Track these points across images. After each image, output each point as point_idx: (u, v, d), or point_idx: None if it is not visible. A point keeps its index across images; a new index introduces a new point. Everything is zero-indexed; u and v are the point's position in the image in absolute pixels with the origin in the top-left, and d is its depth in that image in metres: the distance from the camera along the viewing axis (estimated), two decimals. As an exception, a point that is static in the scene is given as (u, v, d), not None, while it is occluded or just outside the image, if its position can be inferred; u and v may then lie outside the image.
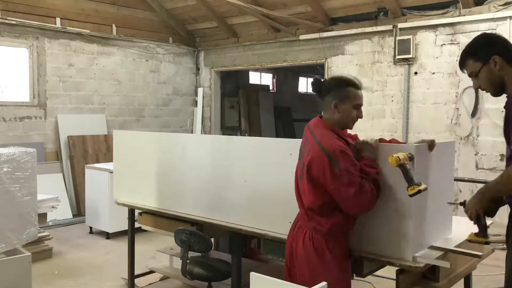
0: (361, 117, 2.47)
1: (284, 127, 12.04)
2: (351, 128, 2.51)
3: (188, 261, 3.39)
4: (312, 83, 2.53)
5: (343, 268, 2.43)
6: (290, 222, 2.77)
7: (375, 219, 2.44)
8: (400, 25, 6.51)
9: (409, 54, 6.37)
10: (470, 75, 2.40)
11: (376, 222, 2.44)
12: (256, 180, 3.01)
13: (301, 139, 2.55)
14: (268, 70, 11.98)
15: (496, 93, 2.44)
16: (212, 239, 4.37)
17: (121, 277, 4.55)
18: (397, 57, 6.52)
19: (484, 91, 2.43)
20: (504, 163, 6.04)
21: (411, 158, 2.26)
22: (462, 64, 2.41)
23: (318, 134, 2.37)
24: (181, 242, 3.34)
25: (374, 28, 6.78)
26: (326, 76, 7.40)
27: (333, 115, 2.42)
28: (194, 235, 3.26)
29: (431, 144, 2.48)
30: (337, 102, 2.40)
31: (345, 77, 2.51)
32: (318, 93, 2.50)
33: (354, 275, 2.58)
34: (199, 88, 9.32)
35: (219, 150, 3.27)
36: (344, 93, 2.41)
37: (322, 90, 2.48)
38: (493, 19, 5.77)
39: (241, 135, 10.09)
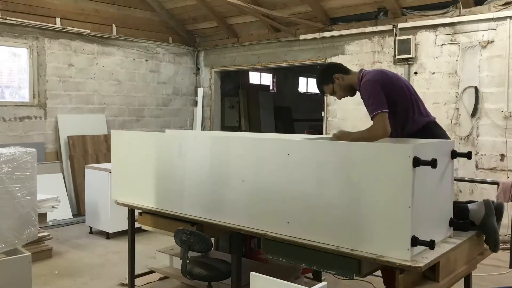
0: None
1: (284, 127, 12.05)
2: None
3: (188, 261, 3.39)
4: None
5: None
6: (288, 222, 2.78)
7: (375, 219, 2.44)
8: (400, 25, 6.51)
9: (409, 54, 6.37)
10: (331, 95, 3.45)
11: (376, 222, 2.44)
12: (256, 180, 3.00)
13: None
14: (268, 70, 11.98)
15: (352, 95, 3.42)
16: (212, 239, 4.38)
17: (118, 282, 4.53)
18: (397, 57, 6.52)
19: (348, 97, 3.46)
20: (504, 163, 6.07)
21: None
22: (322, 92, 3.47)
23: None
24: (181, 242, 3.33)
25: (374, 28, 6.78)
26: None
27: None
28: (194, 235, 3.26)
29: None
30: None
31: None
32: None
33: (354, 275, 2.58)
34: (199, 88, 9.33)
35: (218, 149, 3.26)
36: None
37: None
38: (493, 19, 5.77)
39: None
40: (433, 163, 2.32)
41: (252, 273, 2.06)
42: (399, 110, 3.13)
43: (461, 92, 6.07)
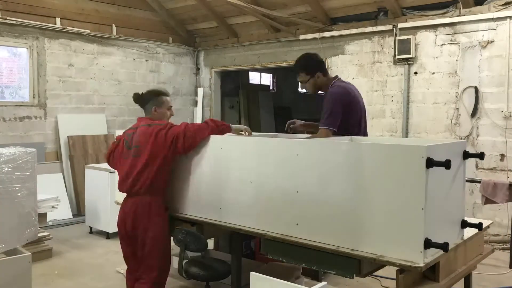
0: (173, 115, 3.54)
1: (284, 127, 12.03)
2: None
3: (186, 260, 3.39)
4: (134, 97, 3.54)
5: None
6: (298, 224, 2.76)
7: (386, 221, 2.40)
8: (400, 25, 6.51)
9: (409, 54, 6.37)
10: (300, 82, 3.69)
11: (386, 224, 2.41)
12: (264, 181, 2.99)
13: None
14: (268, 70, 11.98)
15: (315, 93, 3.77)
16: (212, 239, 4.38)
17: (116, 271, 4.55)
18: (397, 57, 6.52)
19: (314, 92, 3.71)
20: (504, 163, 6.07)
21: None
22: (297, 74, 3.64)
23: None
24: (177, 241, 3.33)
25: (374, 28, 6.78)
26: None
27: (154, 116, 3.41)
28: (190, 234, 3.24)
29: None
30: (156, 107, 3.43)
31: (157, 89, 3.60)
32: (140, 103, 3.51)
33: (354, 275, 2.58)
34: (199, 88, 9.32)
35: (220, 149, 3.26)
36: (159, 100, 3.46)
37: (142, 100, 3.50)
38: (493, 19, 5.77)
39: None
40: (447, 164, 2.26)
41: (252, 273, 2.06)
42: (351, 125, 3.53)
43: (461, 92, 6.07)
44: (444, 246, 2.31)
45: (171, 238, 3.42)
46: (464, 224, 2.76)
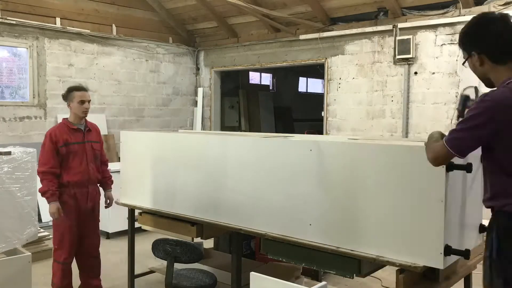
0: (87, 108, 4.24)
1: (284, 127, 12.05)
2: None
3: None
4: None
5: None
6: (311, 224, 2.76)
7: (404, 225, 2.36)
8: (400, 25, 6.51)
9: (409, 54, 6.37)
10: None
11: (404, 229, 2.36)
12: (256, 180, 3.00)
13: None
14: (268, 70, 11.98)
15: (487, 86, 2.33)
16: (212, 239, 4.38)
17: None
18: (397, 57, 6.52)
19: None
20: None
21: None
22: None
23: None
24: (165, 253, 3.06)
25: (374, 28, 6.78)
26: (326, 76, 7.40)
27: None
28: (181, 245, 3.01)
29: None
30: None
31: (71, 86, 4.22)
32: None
33: (354, 275, 2.58)
34: (199, 88, 9.33)
35: (220, 150, 3.26)
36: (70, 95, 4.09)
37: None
38: (493, 19, 5.77)
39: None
40: (468, 168, 2.19)
41: (252, 273, 2.06)
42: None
43: (461, 92, 6.07)
44: (465, 254, 2.27)
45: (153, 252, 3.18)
46: (483, 229, 2.70)
